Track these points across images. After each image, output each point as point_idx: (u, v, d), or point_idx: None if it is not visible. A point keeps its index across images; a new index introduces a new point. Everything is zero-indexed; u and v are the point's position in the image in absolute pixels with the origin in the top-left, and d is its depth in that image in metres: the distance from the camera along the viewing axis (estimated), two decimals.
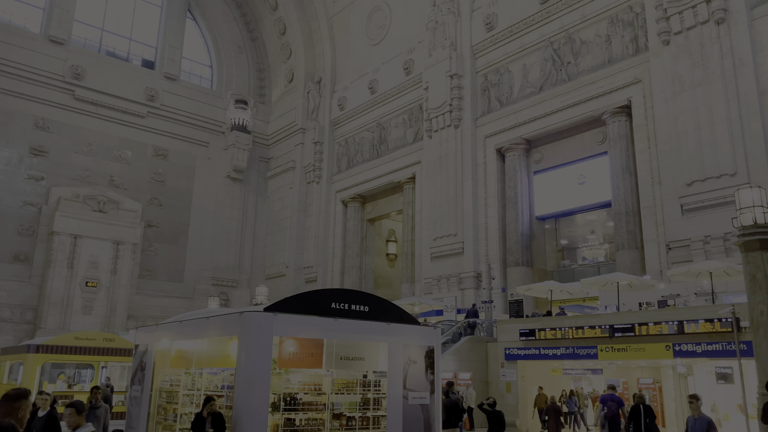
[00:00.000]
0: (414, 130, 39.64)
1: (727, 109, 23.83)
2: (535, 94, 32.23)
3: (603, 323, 19.94)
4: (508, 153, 33.45)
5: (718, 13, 24.50)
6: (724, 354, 17.04)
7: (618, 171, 28.01)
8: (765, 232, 14.99)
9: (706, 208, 23.78)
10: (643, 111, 27.27)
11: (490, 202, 33.49)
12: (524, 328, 22.20)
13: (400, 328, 9.91)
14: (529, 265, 31.70)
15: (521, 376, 22.43)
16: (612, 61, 29.09)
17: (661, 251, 25.36)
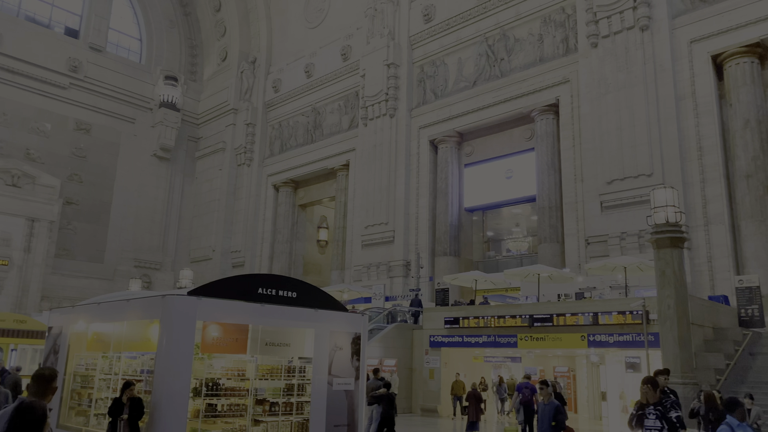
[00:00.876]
0: (349, 117, 39.53)
1: (647, 112, 25.11)
2: (469, 88, 32.82)
3: (523, 313, 20.69)
4: (440, 145, 33.95)
5: (643, 20, 25.71)
6: (633, 345, 18.07)
7: (544, 167, 29.01)
8: (675, 231, 15.98)
9: (624, 206, 25.05)
10: (569, 110, 28.32)
11: (421, 193, 33.94)
12: (449, 317, 22.72)
13: (328, 314, 9.93)
14: (456, 255, 32.41)
15: (444, 363, 22.98)
16: (543, 60, 30.00)
17: (581, 245, 26.53)
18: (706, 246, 23.39)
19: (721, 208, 23.44)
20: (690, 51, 24.98)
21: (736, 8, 23.89)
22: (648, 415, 6.04)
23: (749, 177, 23.05)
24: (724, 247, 23.09)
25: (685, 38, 25.12)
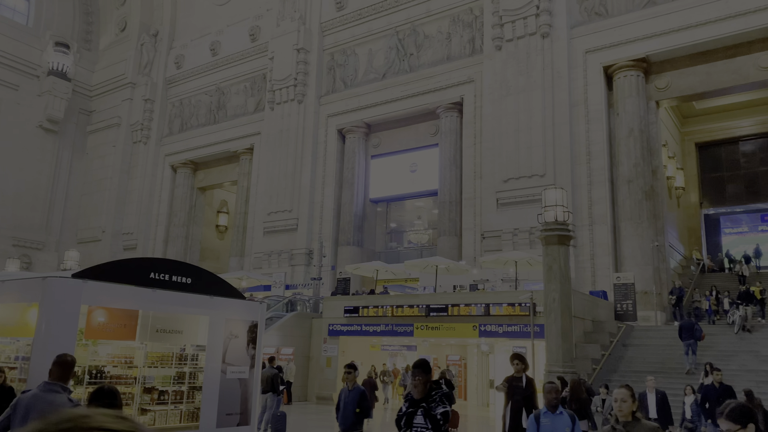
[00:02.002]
0: (256, 100, 38.62)
1: (543, 116, 26.47)
2: (379, 80, 33.07)
3: (421, 303, 21.26)
4: (348, 134, 34.00)
5: (544, 28, 27.02)
6: (521, 335, 19.09)
7: (446, 163, 29.85)
8: (563, 229, 16.99)
9: (518, 203, 26.31)
10: (472, 109, 29.29)
11: (327, 181, 33.85)
12: (349, 306, 22.90)
13: (224, 302, 9.70)
14: (359, 245, 32.67)
15: (342, 352, 23.16)
16: (450, 59, 30.78)
17: (477, 239, 27.61)
18: (589, 244, 25.07)
19: (605, 210, 25.21)
20: (585, 61, 26.57)
21: (626, 24, 25.66)
22: (418, 412, 5.07)
23: (630, 182, 24.94)
24: (605, 246, 24.87)
25: (581, 48, 26.68)
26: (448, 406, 5.09)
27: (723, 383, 11.31)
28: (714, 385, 11.33)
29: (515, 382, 9.25)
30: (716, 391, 11.03)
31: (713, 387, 11.34)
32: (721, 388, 11.08)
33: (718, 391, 10.96)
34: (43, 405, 4.50)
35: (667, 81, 25.79)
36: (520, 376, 9.20)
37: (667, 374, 16.94)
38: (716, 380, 11.35)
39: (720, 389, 11.01)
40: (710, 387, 11.46)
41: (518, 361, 9.25)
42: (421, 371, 5.20)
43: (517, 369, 9.21)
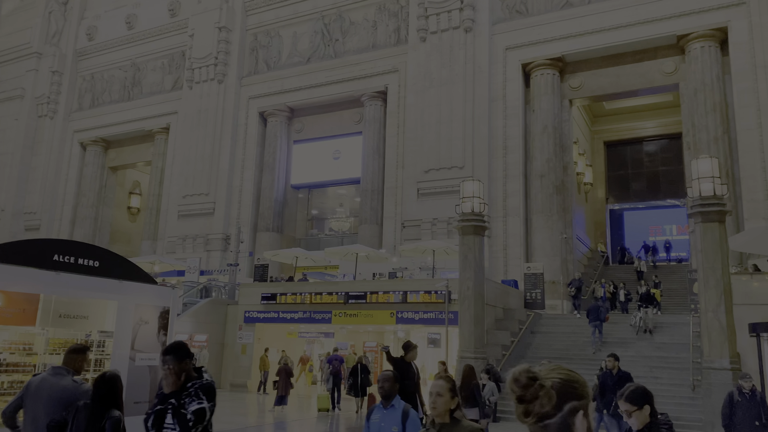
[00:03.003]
0: (173, 78, 37.13)
1: (463, 109, 27.08)
2: (303, 64, 32.64)
3: (340, 290, 21.34)
4: (270, 118, 33.40)
5: (467, 23, 27.58)
6: (436, 322, 19.60)
7: (369, 151, 29.98)
8: (479, 220, 17.56)
9: (437, 194, 26.85)
10: (396, 99, 29.53)
11: (247, 165, 33.15)
12: (266, 293, 22.64)
13: (134, 286, 9.34)
14: (279, 231, 32.28)
15: (258, 339, 22.90)
16: (376, 47, 30.84)
17: (397, 228, 27.98)
18: (503, 235, 26.00)
19: (518, 203, 26.19)
20: (504, 57, 27.37)
21: (545, 24, 26.63)
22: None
23: (542, 177, 26.02)
24: (518, 237, 25.87)
25: (502, 45, 27.45)
26: (205, 402, 3.78)
27: (621, 370, 10.79)
28: (611, 372, 10.77)
29: (407, 366, 9.12)
30: (612, 378, 10.59)
31: (610, 374, 10.77)
32: (617, 375, 10.62)
33: (614, 378, 10.53)
34: (50, 387, 4.95)
35: (581, 81, 27.03)
36: (410, 361, 9.12)
37: (571, 360, 17.91)
38: (610, 366, 10.78)
39: (617, 377, 10.56)
40: (607, 374, 10.85)
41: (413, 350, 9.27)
42: (173, 358, 3.81)
43: (411, 356, 9.12)
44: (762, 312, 14.38)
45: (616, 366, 10.75)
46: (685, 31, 24.10)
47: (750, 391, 9.01)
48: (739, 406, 9.00)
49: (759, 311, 14.43)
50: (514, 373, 1.78)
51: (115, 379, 4.69)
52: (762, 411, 8.93)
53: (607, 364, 10.81)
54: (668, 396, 14.98)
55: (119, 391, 4.71)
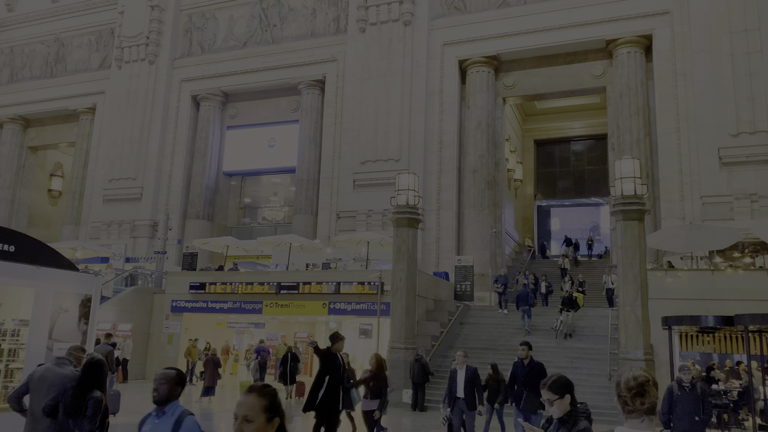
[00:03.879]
0: (101, 56, 35.45)
1: (401, 102, 27.26)
2: (239, 48, 31.91)
3: (272, 280, 21.09)
4: (203, 102, 32.48)
5: (407, 16, 27.73)
6: (368, 313, 19.72)
7: (306, 140, 29.70)
8: (413, 213, 17.77)
9: (373, 186, 26.95)
10: (334, 89, 29.36)
11: (178, 150, 32.14)
12: (195, 282, 22.09)
13: (53, 273, 8.90)
14: (210, 219, 31.53)
15: (185, 329, 22.34)
16: (315, 35, 30.52)
17: (332, 219, 27.91)
18: (436, 228, 26.43)
19: (452, 197, 26.67)
20: (442, 53, 27.72)
21: (482, 22, 27.14)
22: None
23: (475, 172, 26.59)
24: (450, 230, 26.36)
25: (440, 40, 27.78)
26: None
27: (533, 360, 9.57)
28: (522, 362, 9.60)
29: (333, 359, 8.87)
30: (524, 368, 9.50)
31: (521, 364, 9.61)
32: (529, 365, 9.48)
33: (525, 369, 9.47)
34: (53, 376, 5.39)
35: (514, 80, 27.75)
36: (336, 354, 8.89)
37: (497, 350, 18.46)
38: (523, 356, 9.59)
39: (528, 367, 9.47)
40: (518, 364, 9.68)
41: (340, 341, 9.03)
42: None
43: (337, 347, 8.90)
44: (674, 306, 15.32)
45: (529, 355, 9.57)
46: (614, 37, 25.15)
47: (690, 384, 8.55)
48: (678, 400, 8.51)
49: (671, 305, 15.36)
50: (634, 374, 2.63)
51: (99, 364, 5.22)
52: (702, 405, 8.47)
53: (520, 353, 9.68)
54: (587, 385, 15.71)
55: (103, 375, 5.27)
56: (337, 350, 8.85)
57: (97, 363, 5.20)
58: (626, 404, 2.60)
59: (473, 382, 9.94)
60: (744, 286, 15.64)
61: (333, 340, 8.97)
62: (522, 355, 9.59)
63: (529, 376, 9.22)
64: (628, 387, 2.61)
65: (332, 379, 8.63)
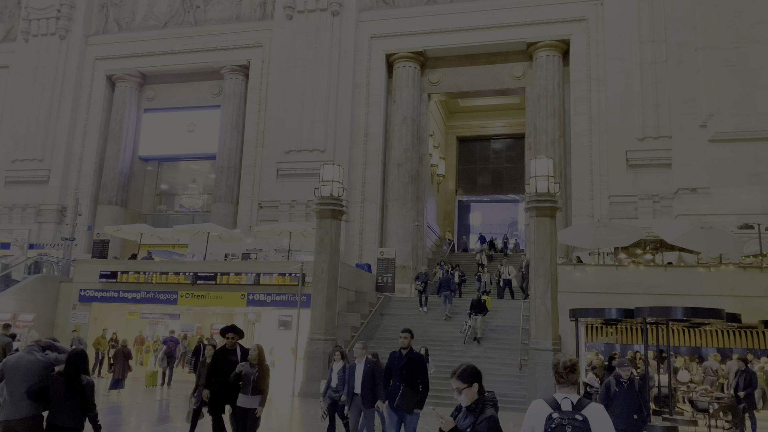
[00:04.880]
0: (6, 27, 33.07)
1: (327, 93, 27.11)
2: (159, 28, 30.65)
3: (188, 270, 20.49)
4: (119, 82, 30.99)
5: (335, 6, 27.56)
6: (288, 304, 19.56)
7: (227, 127, 28.98)
8: (337, 204, 17.76)
9: (297, 176, 26.71)
10: (259, 75, 28.80)
11: (90, 132, 30.54)
12: (106, 270, 21.11)
13: None
14: (123, 205, 30.20)
15: (94, 319, 21.33)
16: (240, 19, 29.79)
17: (254, 208, 27.43)
18: (360, 220, 26.55)
19: (376, 189, 26.87)
20: (370, 46, 27.78)
21: (409, 17, 27.42)
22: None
23: (400, 165, 26.90)
24: (374, 223, 26.57)
25: (368, 33, 27.82)
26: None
27: (412, 350, 7.99)
28: (400, 353, 8.05)
29: (228, 355, 8.00)
30: (401, 360, 7.95)
31: (399, 355, 8.04)
32: (407, 356, 7.94)
33: (403, 360, 7.92)
34: (25, 363, 5.92)
35: (439, 77, 28.23)
36: (233, 348, 8.05)
37: (415, 341, 18.80)
38: (403, 345, 8.02)
39: (406, 358, 7.93)
40: (396, 355, 8.11)
41: (232, 334, 8.10)
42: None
43: (230, 343, 8.04)
44: (581, 299, 16.17)
45: (410, 345, 8.05)
46: (534, 40, 26.09)
47: (628, 380, 8.02)
48: (616, 397, 7.96)
49: (578, 298, 16.21)
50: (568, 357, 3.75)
51: (84, 354, 6.05)
52: (641, 402, 8.02)
53: (401, 341, 8.06)
54: (499, 374, 16.33)
55: (87, 363, 6.08)
56: (231, 346, 8.02)
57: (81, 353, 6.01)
58: (561, 378, 3.70)
59: (372, 377, 8.65)
60: (644, 280, 16.73)
61: (223, 333, 8.16)
62: (403, 344, 8.05)
63: (406, 368, 7.82)
64: (565, 366, 3.69)
65: (224, 377, 7.82)
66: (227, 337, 8.12)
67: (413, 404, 7.66)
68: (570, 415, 3.54)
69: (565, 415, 3.54)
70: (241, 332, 8.31)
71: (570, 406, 3.57)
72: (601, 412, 3.58)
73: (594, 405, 3.60)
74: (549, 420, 3.56)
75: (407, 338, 8.08)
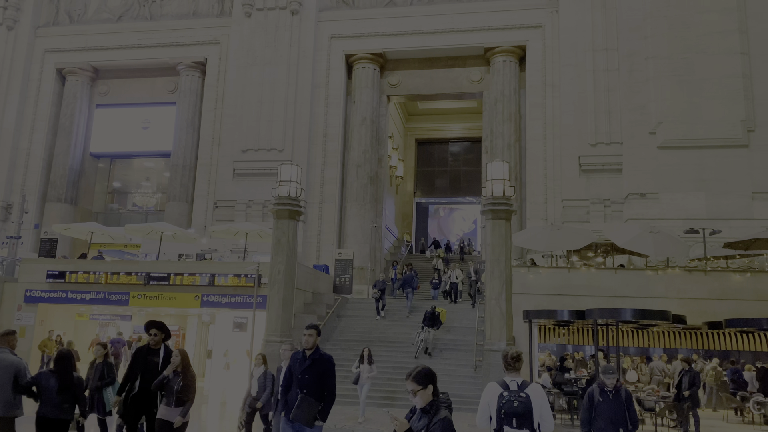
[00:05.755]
0: None
1: (286, 92, 26.90)
2: (113, 22, 29.84)
3: (140, 270, 20.01)
4: (70, 76, 30.02)
5: (294, 5, 27.38)
6: (243, 305, 19.31)
7: (183, 124, 28.43)
8: (295, 205, 17.61)
9: (255, 175, 26.39)
10: (216, 73, 28.36)
11: (38, 127, 29.50)
12: (54, 270, 20.41)
13: None
14: (73, 203, 29.26)
15: (40, 321, 20.60)
16: (197, 15, 29.28)
17: (209, 208, 26.98)
18: (318, 221, 26.43)
19: (335, 190, 26.79)
20: (329, 46, 27.70)
21: (369, 19, 27.46)
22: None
23: (359, 167, 26.90)
24: (332, 224, 26.48)
25: (327, 33, 27.73)
26: None
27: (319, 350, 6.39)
28: (304, 354, 6.44)
29: (150, 356, 7.22)
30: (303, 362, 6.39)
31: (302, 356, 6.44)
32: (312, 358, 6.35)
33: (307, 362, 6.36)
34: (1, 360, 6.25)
35: (399, 79, 28.36)
36: (157, 348, 7.25)
37: (371, 342, 18.80)
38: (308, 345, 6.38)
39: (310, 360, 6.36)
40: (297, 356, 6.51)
41: (156, 330, 7.29)
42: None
43: (154, 341, 7.27)
44: (534, 301, 16.50)
45: (315, 345, 6.43)
46: (491, 45, 26.48)
47: (613, 389, 7.10)
48: (600, 407, 7.11)
49: (532, 300, 16.54)
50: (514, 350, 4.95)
51: (71, 354, 6.72)
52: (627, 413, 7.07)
53: (305, 340, 6.46)
54: (454, 375, 16.49)
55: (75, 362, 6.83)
56: (155, 345, 7.23)
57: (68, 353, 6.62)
58: (509, 365, 4.95)
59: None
60: (595, 283, 17.18)
61: (146, 329, 7.39)
62: (307, 343, 6.45)
63: (308, 372, 6.31)
64: (512, 356, 4.96)
65: (142, 380, 7.07)
66: (151, 333, 7.22)
67: (313, 416, 6.19)
68: (516, 393, 4.78)
69: (513, 393, 4.79)
70: (168, 331, 7.45)
71: (516, 386, 4.83)
72: (539, 390, 4.87)
73: (534, 385, 4.89)
74: (501, 397, 4.79)
75: (312, 336, 6.48)
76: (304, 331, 6.55)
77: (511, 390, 4.77)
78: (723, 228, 19.29)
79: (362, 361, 13.45)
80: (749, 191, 21.40)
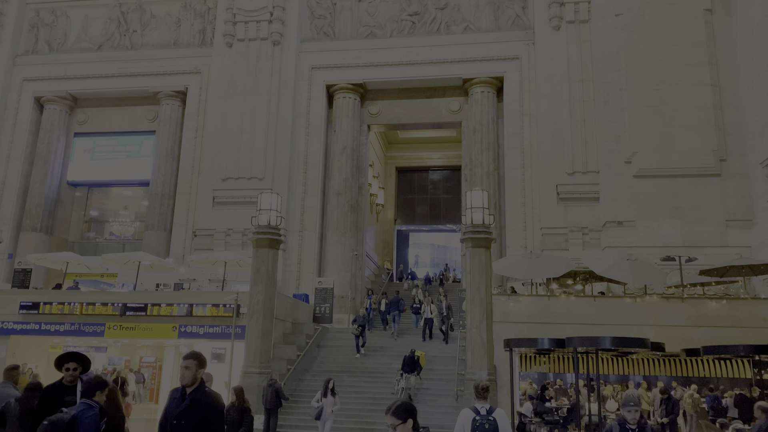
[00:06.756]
0: None
1: (267, 121, 26.99)
2: (93, 51, 29.85)
3: (116, 301, 19.66)
4: (48, 105, 29.85)
5: (276, 36, 27.66)
6: (221, 336, 19.02)
7: (162, 153, 28.32)
8: (274, 233, 17.56)
9: (234, 204, 26.28)
10: (197, 102, 28.41)
11: (15, 155, 29.19)
12: (27, 301, 19.98)
13: None
14: (49, 232, 28.81)
15: (12, 353, 20.05)
16: (178, 45, 29.42)
17: (188, 237, 26.73)
18: (298, 249, 26.31)
19: (315, 218, 26.76)
20: (310, 76, 27.94)
21: (349, 50, 27.81)
22: None
23: (339, 195, 26.95)
24: (312, 252, 26.37)
25: (308, 63, 28.00)
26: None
27: (203, 389, 4.94)
28: (183, 392, 5.05)
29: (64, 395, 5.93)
30: (180, 402, 4.97)
31: (180, 394, 5.09)
32: (191, 398, 4.95)
33: (185, 403, 4.93)
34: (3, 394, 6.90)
35: (379, 108, 28.65)
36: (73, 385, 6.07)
37: (352, 372, 18.67)
38: (186, 383, 5.07)
39: (189, 400, 4.95)
40: (174, 395, 5.18)
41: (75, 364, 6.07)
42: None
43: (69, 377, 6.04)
44: (515, 329, 16.51)
45: (197, 380, 5.06)
46: (469, 76, 26.92)
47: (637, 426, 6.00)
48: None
49: (512, 328, 16.54)
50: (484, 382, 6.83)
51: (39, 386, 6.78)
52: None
53: (183, 374, 5.08)
54: (435, 405, 16.36)
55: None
56: (71, 381, 5.99)
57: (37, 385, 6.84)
58: (479, 394, 6.46)
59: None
60: (575, 311, 17.26)
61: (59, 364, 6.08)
62: (184, 378, 5.02)
63: (185, 417, 4.90)
64: (482, 387, 6.60)
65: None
66: (66, 369, 5.94)
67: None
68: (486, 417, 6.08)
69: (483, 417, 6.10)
70: (88, 361, 6.22)
71: (485, 411, 6.27)
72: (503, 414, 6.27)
73: (499, 410, 6.30)
74: (474, 421, 6.17)
75: (190, 368, 4.97)
76: (182, 362, 5.03)
77: (482, 414, 6.20)
78: (698, 255, 19.59)
79: (325, 394, 12.98)
80: (723, 219, 21.82)
